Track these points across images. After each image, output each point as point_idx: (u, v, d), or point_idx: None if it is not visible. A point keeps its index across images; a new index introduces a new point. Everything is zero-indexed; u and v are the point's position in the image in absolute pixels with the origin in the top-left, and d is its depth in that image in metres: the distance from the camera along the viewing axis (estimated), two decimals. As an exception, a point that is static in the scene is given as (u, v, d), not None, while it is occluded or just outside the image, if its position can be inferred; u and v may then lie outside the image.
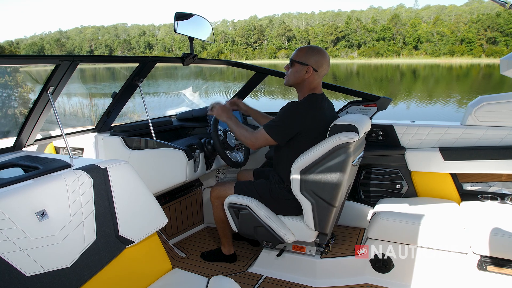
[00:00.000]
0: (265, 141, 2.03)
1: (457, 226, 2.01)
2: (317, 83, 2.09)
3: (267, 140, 2.02)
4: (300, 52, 2.07)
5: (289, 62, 2.11)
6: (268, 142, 2.03)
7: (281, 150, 2.12)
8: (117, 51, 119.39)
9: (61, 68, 1.77)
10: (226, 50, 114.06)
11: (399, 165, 2.64)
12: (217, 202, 2.35)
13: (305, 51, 2.06)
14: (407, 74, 45.69)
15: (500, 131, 2.36)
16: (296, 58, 2.06)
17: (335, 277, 2.22)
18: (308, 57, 2.04)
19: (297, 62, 2.05)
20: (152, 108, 4.87)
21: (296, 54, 2.08)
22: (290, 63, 2.10)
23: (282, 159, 2.10)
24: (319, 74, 2.06)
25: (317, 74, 2.05)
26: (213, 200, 2.37)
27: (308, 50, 2.06)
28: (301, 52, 2.07)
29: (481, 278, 1.94)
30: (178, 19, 2.21)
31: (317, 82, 2.09)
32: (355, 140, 1.84)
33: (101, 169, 1.51)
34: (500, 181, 2.43)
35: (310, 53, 2.04)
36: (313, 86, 2.08)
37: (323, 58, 2.05)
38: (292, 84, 2.12)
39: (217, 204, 2.36)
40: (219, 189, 2.34)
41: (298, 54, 2.07)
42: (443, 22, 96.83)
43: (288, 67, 2.12)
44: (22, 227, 1.22)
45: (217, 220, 2.42)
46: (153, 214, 1.65)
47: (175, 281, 1.63)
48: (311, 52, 2.05)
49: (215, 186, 2.38)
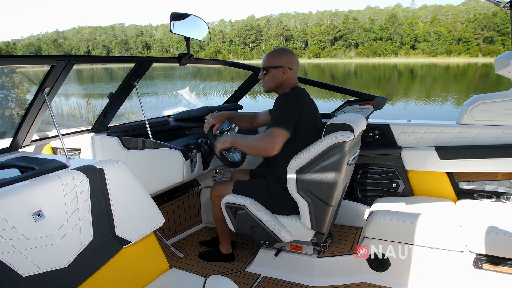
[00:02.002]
0: (282, 137, 1.93)
1: (453, 225, 2.02)
2: (295, 79, 2.18)
3: (283, 135, 1.93)
4: (270, 58, 2.13)
5: (262, 71, 2.15)
6: (284, 137, 1.93)
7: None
8: (115, 51, 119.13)
9: (57, 68, 1.77)
10: (224, 50, 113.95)
11: (396, 164, 2.65)
12: (217, 201, 2.36)
13: (274, 55, 2.13)
14: (405, 73, 45.77)
15: (495, 130, 2.37)
16: (269, 64, 2.12)
17: (332, 276, 2.22)
18: (279, 59, 2.11)
19: (271, 67, 2.11)
20: (150, 109, 4.87)
21: (267, 61, 2.14)
22: (264, 71, 2.14)
23: (280, 158, 2.11)
24: (294, 71, 2.14)
25: (292, 71, 2.13)
26: (213, 198, 2.38)
27: (277, 53, 2.14)
28: (271, 57, 2.13)
29: (477, 276, 1.95)
30: (174, 19, 2.22)
31: (295, 79, 2.18)
32: (350, 139, 1.85)
33: (97, 169, 1.51)
34: (495, 180, 2.45)
35: (280, 55, 2.12)
36: (293, 82, 2.16)
37: (292, 56, 2.14)
38: (273, 89, 2.17)
39: (217, 203, 2.36)
40: (219, 188, 2.35)
41: (269, 60, 2.13)
42: (440, 22, 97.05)
43: (263, 76, 2.16)
44: (18, 228, 1.22)
45: (216, 219, 2.42)
46: (149, 214, 1.66)
47: (172, 281, 1.63)
48: (280, 54, 2.13)
49: (215, 185, 2.39)
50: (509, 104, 2.32)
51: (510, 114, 2.33)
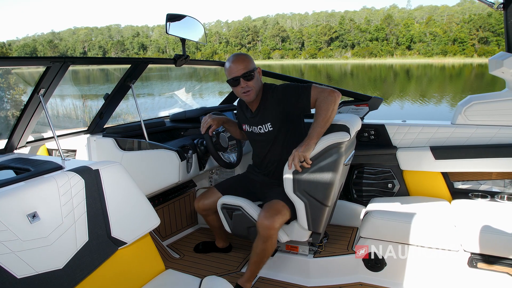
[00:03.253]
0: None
1: (448, 224, 2.04)
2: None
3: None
4: (248, 63, 2.07)
5: (244, 78, 2.04)
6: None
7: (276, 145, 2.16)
8: (111, 52, 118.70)
9: (52, 69, 1.77)
10: (220, 51, 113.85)
11: (391, 164, 2.67)
12: (204, 213, 2.40)
13: (248, 59, 2.10)
14: (401, 74, 45.94)
15: (489, 130, 2.39)
16: (252, 67, 2.07)
17: (328, 276, 2.23)
18: (251, 62, 2.10)
19: (254, 70, 2.08)
20: (146, 110, 4.87)
21: (247, 66, 2.05)
22: (248, 77, 2.04)
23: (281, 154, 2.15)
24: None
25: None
26: (201, 212, 2.40)
27: (245, 57, 2.11)
28: (248, 61, 2.08)
29: (472, 275, 1.96)
30: (170, 21, 2.22)
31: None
32: (346, 140, 1.86)
33: (93, 170, 1.51)
34: (490, 179, 2.46)
35: (248, 58, 2.11)
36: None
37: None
38: (258, 92, 2.13)
39: (206, 214, 2.41)
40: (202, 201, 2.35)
41: (249, 65, 2.07)
42: (435, 22, 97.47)
43: (246, 83, 2.05)
44: (13, 229, 1.22)
45: (212, 227, 2.50)
46: (145, 215, 1.66)
47: (168, 281, 1.63)
48: (248, 57, 2.11)
49: (197, 200, 2.38)
50: (503, 104, 2.33)
51: (504, 114, 2.35)
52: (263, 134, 2.16)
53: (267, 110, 2.11)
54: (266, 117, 2.11)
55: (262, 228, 1.95)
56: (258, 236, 2.00)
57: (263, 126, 2.14)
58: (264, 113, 2.12)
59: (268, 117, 2.11)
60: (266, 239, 1.97)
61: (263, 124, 2.13)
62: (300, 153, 1.84)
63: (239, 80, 2.04)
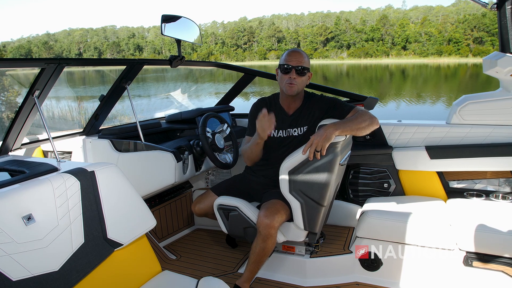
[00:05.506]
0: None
1: (443, 223, 2.05)
2: None
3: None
4: (307, 61, 2.05)
5: (296, 71, 2.01)
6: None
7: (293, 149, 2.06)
8: (106, 53, 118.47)
9: (47, 71, 1.76)
10: (216, 52, 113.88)
11: (387, 164, 2.68)
12: (203, 216, 2.41)
13: (307, 59, 2.08)
14: (396, 74, 46.14)
15: (484, 129, 2.40)
16: (307, 67, 2.04)
17: (324, 276, 2.24)
18: (309, 63, 2.08)
19: (307, 71, 2.06)
20: (142, 111, 4.86)
21: (306, 61, 2.04)
22: (300, 72, 2.02)
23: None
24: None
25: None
26: (199, 216, 2.42)
27: (307, 57, 2.10)
28: (307, 60, 2.06)
29: (467, 273, 1.97)
30: (165, 22, 2.22)
31: None
32: (342, 140, 1.87)
33: (88, 172, 1.51)
34: (485, 178, 2.48)
35: (308, 59, 2.09)
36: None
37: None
38: (299, 92, 2.11)
39: (205, 216, 2.41)
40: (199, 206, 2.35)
41: (306, 62, 2.04)
42: (430, 23, 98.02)
43: (295, 76, 2.02)
44: (8, 232, 1.21)
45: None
46: (141, 217, 1.65)
47: (165, 283, 1.63)
48: (308, 58, 2.09)
49: (194, 204, 2.38)
50: (498, 104, 2.35)
51: (498, 113, 2.37)
52: (291, 138, 2.15)
53: (306, 115, 2.12)
54: (305, 120, 2.13)
55: (262, 226, 1.94)
56: (258, 235, 1.99)
57: (298, 129, 2.14)
58: (304, 116, 2.13)
59: (307, 121, 2.12)
60: (266, 237, 1.96)
61: (299, 126, 2.13)
62: (320, 142, 1.79)
63: (292, 70, 2.01)
